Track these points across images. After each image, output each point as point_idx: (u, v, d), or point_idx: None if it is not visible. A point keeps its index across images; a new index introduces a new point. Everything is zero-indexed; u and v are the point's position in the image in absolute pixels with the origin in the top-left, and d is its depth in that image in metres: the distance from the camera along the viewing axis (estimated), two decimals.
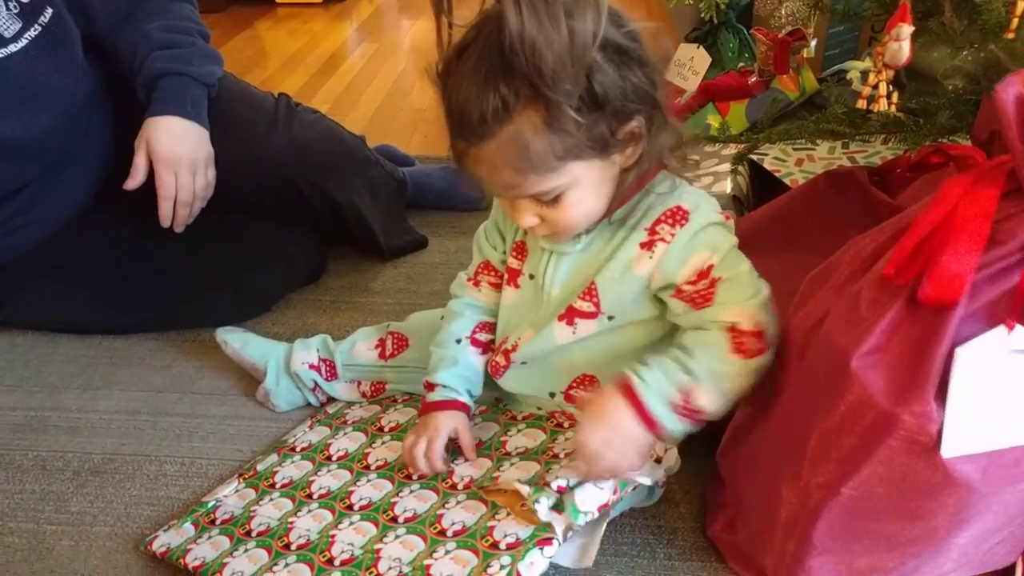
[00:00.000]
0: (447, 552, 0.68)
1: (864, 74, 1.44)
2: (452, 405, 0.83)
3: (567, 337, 0.79)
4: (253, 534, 0.79)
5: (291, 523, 0.78)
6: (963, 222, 0.53)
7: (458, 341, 0.87)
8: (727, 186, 1.24)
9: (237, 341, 1.03)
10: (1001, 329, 0.54)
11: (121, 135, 1.12)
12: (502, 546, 0.67)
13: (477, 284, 0.89)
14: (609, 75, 0.62)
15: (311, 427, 0.96)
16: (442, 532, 0.71)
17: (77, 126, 1.09)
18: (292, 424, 0.99)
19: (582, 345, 0.80)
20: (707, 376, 0.69)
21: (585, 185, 0.69)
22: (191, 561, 0.77)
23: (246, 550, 0.77)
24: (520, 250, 0.83)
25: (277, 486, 0.85)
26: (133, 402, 1.04)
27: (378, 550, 0.71)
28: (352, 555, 0.72)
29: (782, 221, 1.05)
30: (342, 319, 1.17)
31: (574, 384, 0.83)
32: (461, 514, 0.72)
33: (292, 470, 0.87)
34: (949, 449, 0.56)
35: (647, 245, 0.73)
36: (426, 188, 1.44)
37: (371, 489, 0.80)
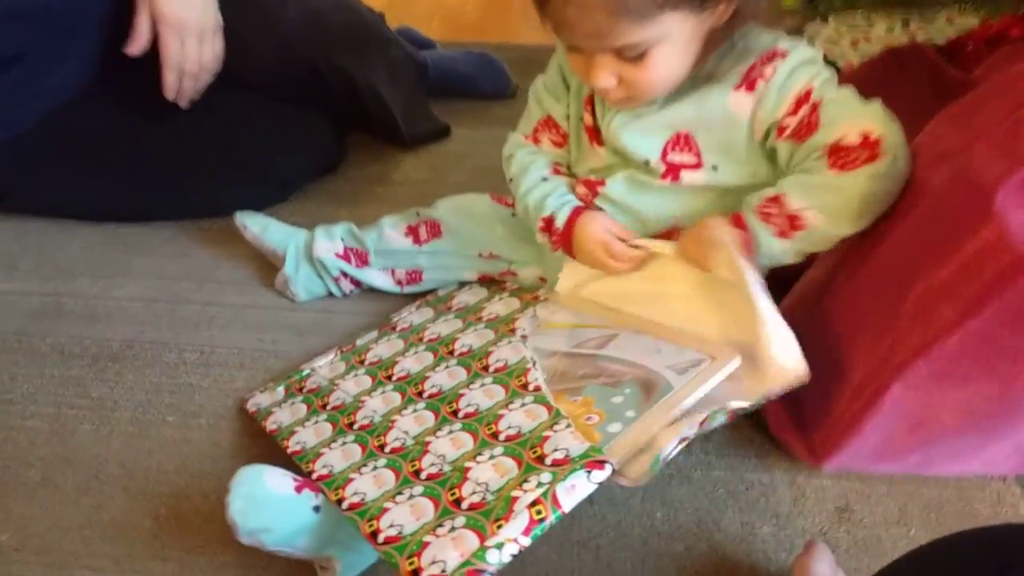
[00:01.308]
0: (491, 457, 0.63)
1: None
2: (578, 212, 0.79)
3: (668, 189, 0.76)
4: (328, 407, 0.79)
5: (362, 402, 0.78)
6: None
7: (544, 179, 0.83)
8: None
9: (257, 225, 1.00)
10: None
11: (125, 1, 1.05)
12: (548, 461, 0.60)
13: (537, 142, 0.85)
14: None
15: (417, 307, 0.94)
16: (495, 435, 0.66)
17: None
18: (315, 314, 0.97)
19: (681, 196, 0.76)
20: (796, 187, 0.68)
21: (674, 42, 0.65)
22: (269, 424, 0.79)
23: (316, 422, 0.77)
24: (591, 106, 0.78)
25: (366, 363, 0.85)
26: (150, 290, 1.02)
27: (428, 443, 0.68)
28: (403, 444, 0.69)
29: None
30: (363, 210, 1.13)
31: (660, 236, 0.79)
32: (520, 418, 0.67)
33: (384, 348, 0.86)
34: None
35: (745, 86, 0.69)
36: (449, 73, 1.36)
37: (445, 376, 0.77)
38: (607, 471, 0.59)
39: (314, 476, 0.69)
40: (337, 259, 0.95)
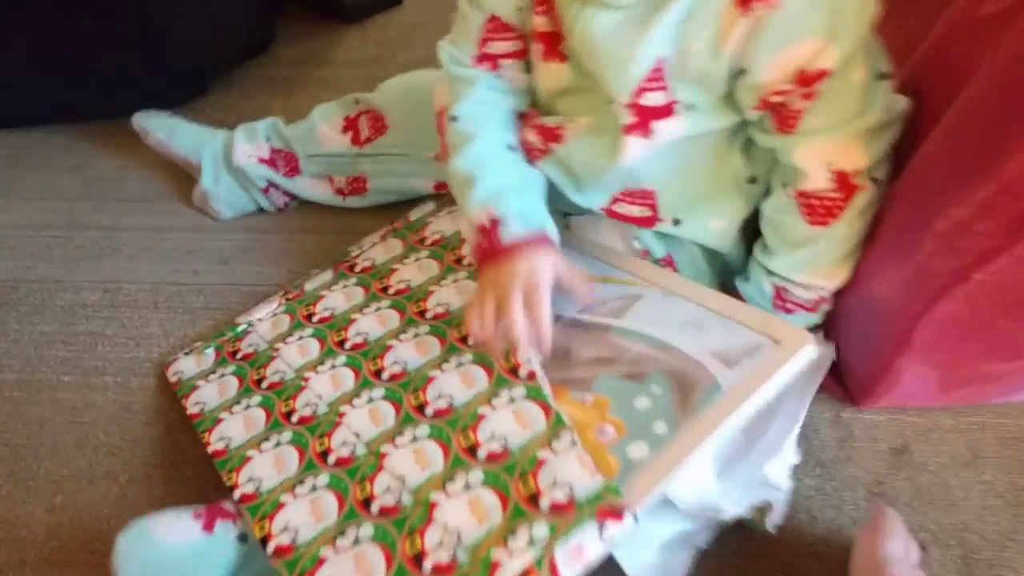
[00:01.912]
0: (467, 487, 0.47)
1: None
2: (542, 241, 0.57)
3: (641, 152, 0.57)
4: (263, 385, 0.62)
5: (305, 381, 0.61)
6: None
7: (510, 148, 0.61)
8: None
9: (161, 129, 0.82)
10: None
11: None
12: (544, 503, 0.45)
13: (484, 60, 0.61)
14: None
15: (383, 238, 0.75)
16: (473, 449, 0.50)
17: None
18: (245, 235, 0.80)
19: (654, 160, 0.58)
20: (792, 271, 0.59)
21: None
22: (191, 406, 0.64)
23: (246, 407, 0.61)
24: (546, 4, 0.56)
25: (315, 319, 0.67)
26: (39, 214, 0.85)
27: (383, 456, 0.52)
28: (352, 454, 0.53)
29: None
30: (299, 99, 0.95)
31: (623, 198, 0.62)
32: (508, 424, 0.50)
33: (339, 299, 0.68)
34: None
35: (742, 3, 0.49)
36: None
37: (412, 351, 0.60)
38: (626, 523, 0.43)
39: (237, 495, 0.54)
40: (261, 166, 0.78)
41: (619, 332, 0.55)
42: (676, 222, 0.61)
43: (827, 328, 0.64)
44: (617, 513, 0.43)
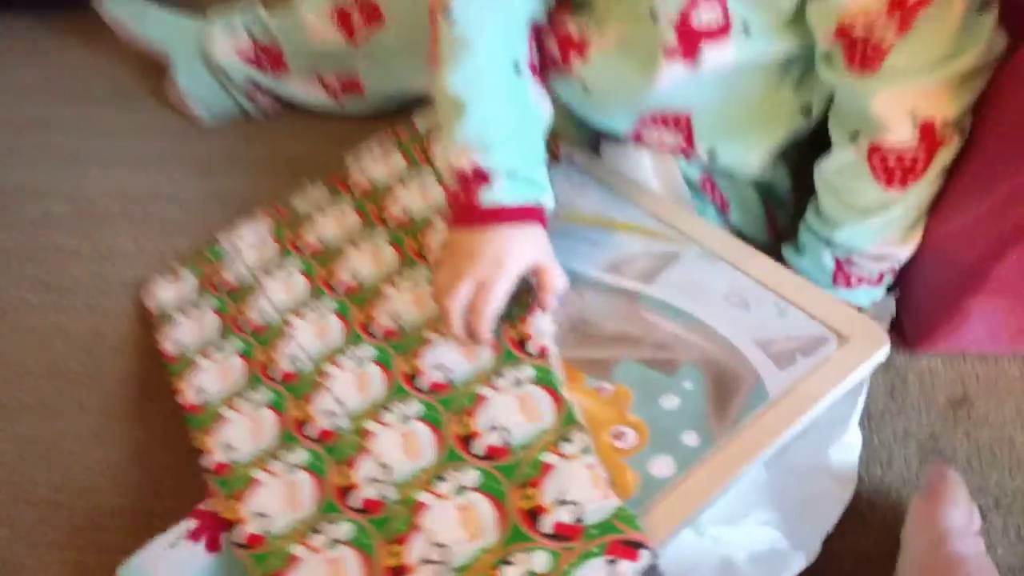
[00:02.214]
0: (460, 490, 0.40)
1: None
2: (530, 214, 0.48)
3: (680, 79, 0.48)
4: (246, 328, 0.55)
5: (287, 326, 0.53)
6: None
7: (516, 67, 0.50)
8: None
9: (129, 15, 0.73)
10: None
11: None
12: (546, 524, 0.38)
13: None
14: None
15: (385, 150, 0.66)
16: (467, 439, 0.42)
17: None
18: (226, 142, 0.72)
19: (692, 87, 0.49)
20: (862, 242, 0.50)
21: None
22: (168, 345, 0.57)
23: (224, 355, 0.54)
24: None
25: (305, 250, 0.59)
26: (1, 112, 0.77)
27: (368, 434, 0.45)
28: (334, 428, 0.46)
29: None
30: None
31: (653, 123, 0.53)
32: (512, 412, 0.43)
33: (331, 225, 0.60)
34: None
35: None
36: None
37: (409, 302, 0.52)
38: (643, 562, 0.36)
39: (210, 461, 0.48)
40: (244, 64, 0.69)
41: (648, 302, 0.47)
42: (711, 154, 0.53)
43: None
44: (632, 549, 0.36)
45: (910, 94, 0.44)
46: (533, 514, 0.38)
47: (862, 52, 0.43)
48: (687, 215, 0.53)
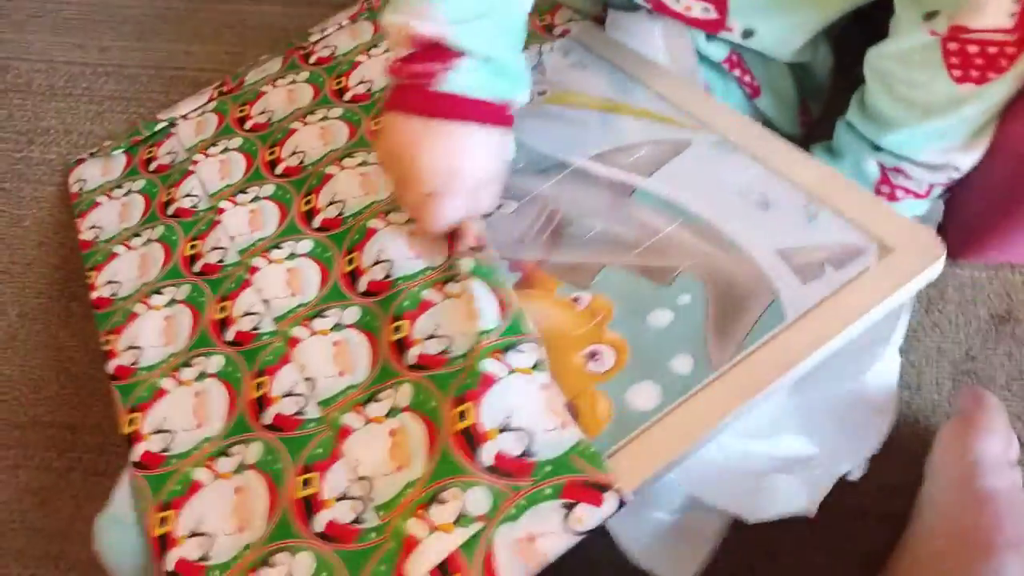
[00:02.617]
0: (392, 412, 0.34)
1: None
2: (499, 113, 0.39)
3: None
4: (170, 212, 0.48)
5: (219, 213, 0.45)
6: None
7: None
8: None
9: None
10: None
11: None
12: (486, 452, 0.30)
13: None
14: None
15: (353, 18, 0.58)
16: (403, 346, 0.35)
17: None
18: (170, 2, 0.61)
19: None
20: (920, 148, 0.42)
21: None
22: (84, 228, 0.50)
23: (147, 242, 0.47)
24: None
25: (247, 126, 0.51)
26: None
27: (294, 341, 0.38)
28: (255, 328, 0.39)
29: None
30: None
31: None
32: (452, 314, 0.36)
33: (280, 98, 0.52)
34: None
35: None
36: None
37: (354, 187, 0.43)
38: (607, 508, 0.28)
39: (110, 367, 0.41)
40: None
41: (644, 198, 0.38)
42: (747, 33, 0.43)
43: None
44: (595, 492, 0.28)
45: None
46: (470, 438, 0.30)
47: None
48: (703, 97, 0.43)
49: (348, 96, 0.50)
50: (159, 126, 0.54)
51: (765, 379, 0.31)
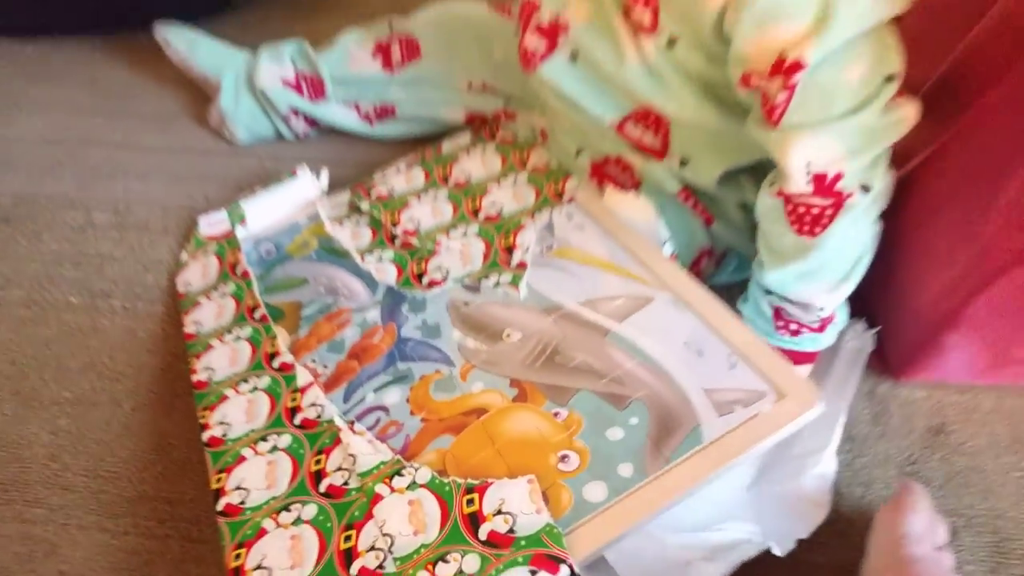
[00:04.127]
0: (412, 486, 0.45)
1: None
2: None
3: (636, 56, 0.53)
4: (255, 315, 0.60)
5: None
6: None
7: None
8: None
9: (183, 42, 0.78)
10: None
11: None
12: (482, 532, 0.41)
13: None
14: None
15: (408, 166, 0.72)
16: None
17: None
18: (260, 162, 0.76)
19: (649, 72, 0.54)
20: (785, 287, 0.53)
21: None
22: (188, 324, 0.62)
23: (237, 339, 0.59)
24: None
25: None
26: (50, 128, 0.81)
27: (339, 435, 0.49)
28: (342, 483, 0.48)
29: None
30: (324, 23, 0.89)
31: (633, 116, 0.57)
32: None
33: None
34: None
35: None
36: None
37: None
38: (562, 575, 0.39)
39: (205, 435, 0.52)
40: (286, 89, 0.73)
41: (615, 339, 0.51)
42: (683, 162, 0.57)
43: (868, 299, 0.60)
44: (553, 564, 0.39)
45: (805, 147, 0.46)
46: (474, 519, 0.42)
47: (766, 106, 0.47)
48: (668, 264, 0.56)
49: (399, 230, 0.63)
50: (239, 241, 0.67)
51: (682, 486, 0.43)
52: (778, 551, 0.47)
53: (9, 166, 0.77)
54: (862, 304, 0.59)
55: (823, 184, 0.47)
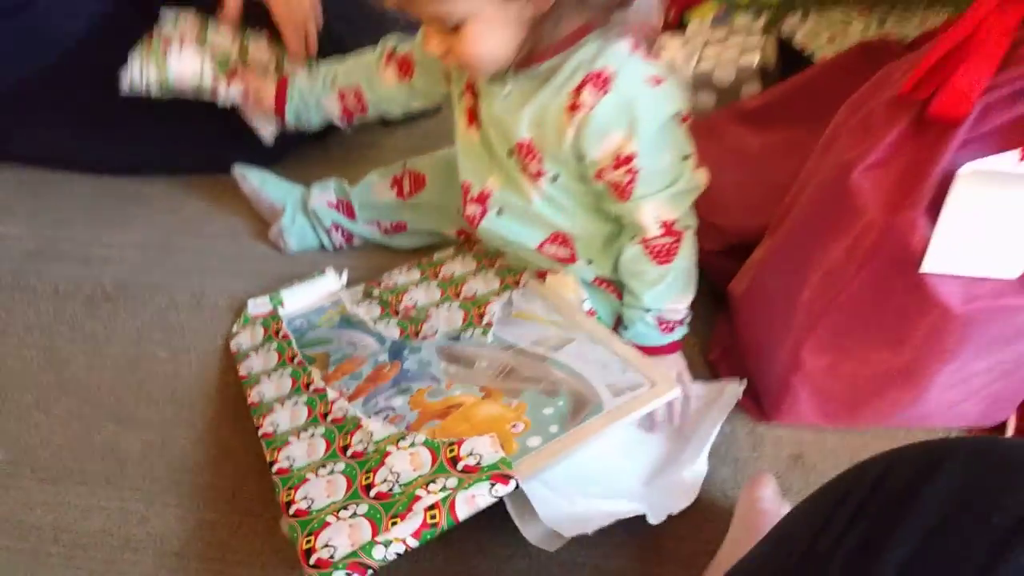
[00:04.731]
0: (412, 444, 0.65)
1: None
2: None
3: (537, 195, 0.79)
4: (295, 360, 0.81)
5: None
6: (983, 38, 0.51)
7: (332, 81, 0.93)
8: (754, 58, 1.20)
9: (256, 178, 1.03)
10: (1012, 155, 0.53)
11: None
12: (459, 465, 0.61)
13: (388, 62, 0.90)
14: None
15: (408, 268, 0.95)
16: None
17: None
18: (304, 267, 0.99)
19: (550, 202, 0.79)
20: (661, 302, 0.77)
21: (486, 21, 0.67)
22: (242, 369, 0.83)
23: (281, 375, 0.80)
24: (470, 89, 0.82)
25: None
26: (143, 238, 1.04)
27: (361, 421, 0.70)
28: (344, 415, 0.71)
29: (809, 93, 1.03)
30: (355, 173, 1.15)
31: (549, 240, 0.83)
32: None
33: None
34: (931, 264, 0.57)
35: (571, 109, 0.71)
36: None
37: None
38: (510, 487, 0.59)
39: (260, 431, 0.73)
40: (330, 208, 0.99)
41: (551, 362, 0.73)
42: (589, 261, 0.83)
43: (747, 358, 0.83)
44: (505, 479, 0.59)
45: (652, 208, 0.73)
46: (454, 460, 0.62)
47: (619, 189, 0.73)
48: (585, 316, 0.80)
49: (400, 307, 0.87)
50: (281, 316, 0.89)
51: (588, 433, 0.64)
52: (652, 520, 0.68)
53: (112, 262, 1.00)
54: (742, 362, 0.83)
55: (669, 228, 0.74)
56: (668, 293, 0.78)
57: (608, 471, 0.73)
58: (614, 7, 0.69)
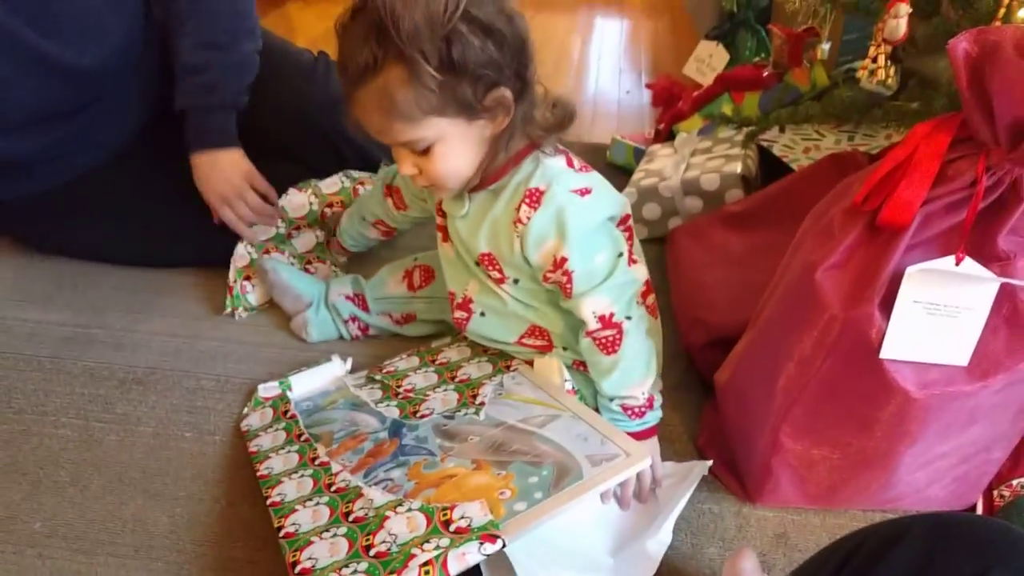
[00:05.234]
0: (409, 509, 0.70)
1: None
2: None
3: (507, 296, 0.89)
4: (301, 438, 0.88)
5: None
6: (919, 159, 0.61)
7: (362, 218, 1.10)
8: (737, 167, 1.31)
9: (286, 272, 1.11)
10: (949, 259, 0.62)
11: (169, 72, 1.16)
12: (452, 527, 0.67)
13: (387, 195, 1.04)
14: (471, 45, 0.69)
15: (408, 354, 1.03)
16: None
17: (130, 57, 1.15)
18: (320, 355, 1.07)
19: (519, 302, 0.89)
20: (618, 389, 0.83)
21: (453, 141, 0.75)
22: (251, 446, 0.89)
23: (288, 451, 0.86)
24: (440, 211, 0.92)
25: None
26: (172, 326, 1.13)
27: (361, 491, 0.76)
28: (346, 485, 0.77)
29: (786, 199, 1.14)
30: (368, 270, 1.25)
31: (526, 334, 0.92)
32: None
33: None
34: (888, 351, 0.65)
35: (515, 224, 0.81)
36: None
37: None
38: (498, 545, 0.65)
39: (268, 502, 0.79)
40: (347, 302, 1.08)
41: (537, 437, 0.79)
42: (565, 348, 0.91)
43: (731, 444, 0.89)
44: (493, 538, 0.65)
45: (590, 304, 0.80)
46: (447, 523, 0.68)
47: (562, 288, 0.81)
48: (568, 396, 0.87)
49: (400, 391, 0.94)
50: (289, 397, 0.96)
51: (570, 498, 0.70)
52: None
53: (143, 348, 1.08)
54: (728, 446, 0.89)
55: (607, 321, 0.81)
56: (624, 381, 0.83)
57: (579, 543, 0.78)
58: (553, 129, 0.80)
